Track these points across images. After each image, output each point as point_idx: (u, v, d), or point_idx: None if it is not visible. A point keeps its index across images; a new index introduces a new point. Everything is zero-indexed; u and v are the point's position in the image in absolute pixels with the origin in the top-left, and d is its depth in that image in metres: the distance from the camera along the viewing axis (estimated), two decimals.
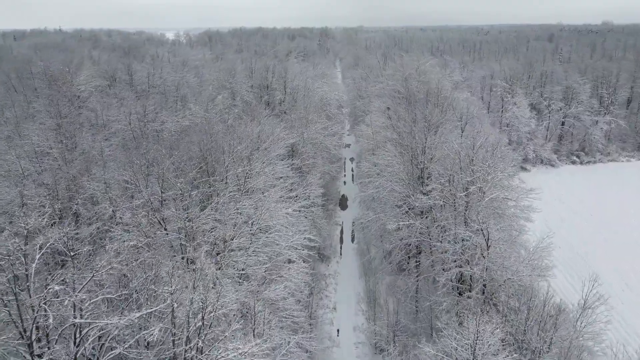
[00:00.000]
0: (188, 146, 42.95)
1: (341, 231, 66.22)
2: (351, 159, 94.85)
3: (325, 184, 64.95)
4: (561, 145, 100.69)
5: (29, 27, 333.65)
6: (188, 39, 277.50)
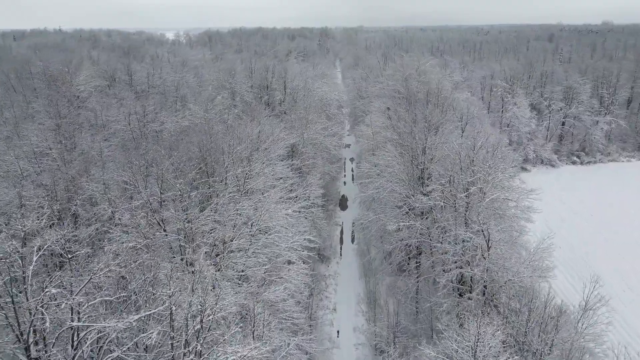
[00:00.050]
0: (187, 147, 42.78)
1: (341, 232, 66.07)
2: (351, 159, 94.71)
3: (325, 184, 64.79)
4: (561, 146, 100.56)
5: (28, 27, 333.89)
6: (188, 39, 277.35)
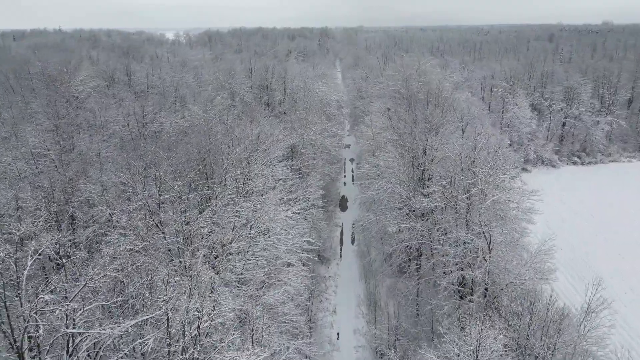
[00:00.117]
0: (186, 148, 42.45)
1: (341, 233, 65.76)
2: (351, 160, 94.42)
3: (325, 185, 64.48)
4: (562, 146, 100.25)
5: (28, 27, 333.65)
6: (188, 39, 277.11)
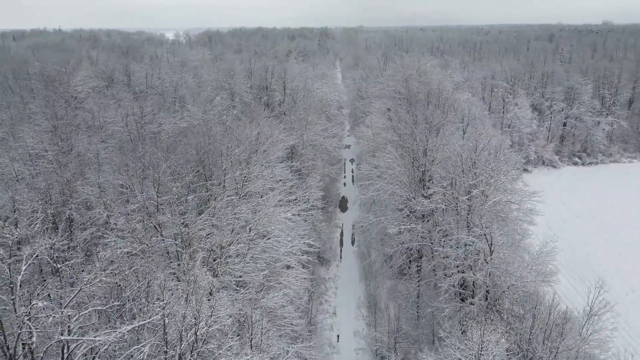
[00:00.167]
0: (185, 149, 42.13)
1: (341, 234, 65.44)
2: (351, 160, 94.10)
3: (325, 186, 64.17)
4: (563, 146, 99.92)
5: (28, 27, 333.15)
6: (188, 39, 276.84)
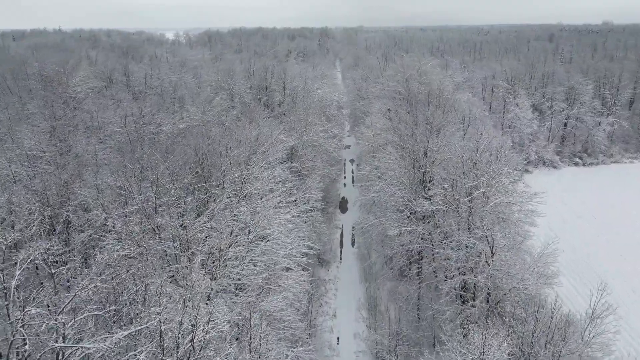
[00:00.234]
0: (184, 150, 41.82)
1: (341, 235, 65.15)
2: (351, 161, 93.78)
3: (325, 186, 63.84)
4: (563, 147, 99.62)
5: (28, 27, 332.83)
6: (188, 39, 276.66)
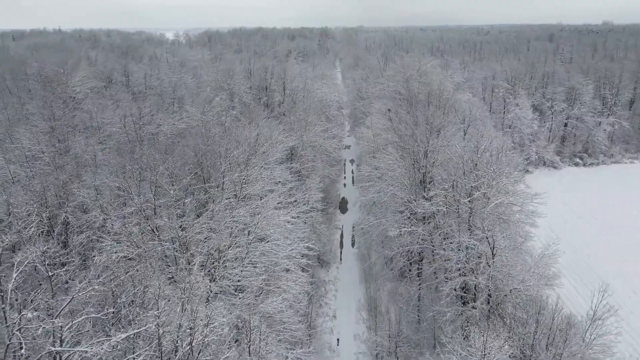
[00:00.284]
0: (183, 150, 41.65)
1: (341, 235, 64.96)
2: (351, 161, 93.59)
3: (325, 187, 63.67)
4: (564, 147, 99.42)
5: (28, 27, 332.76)
6: (187, 39, 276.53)
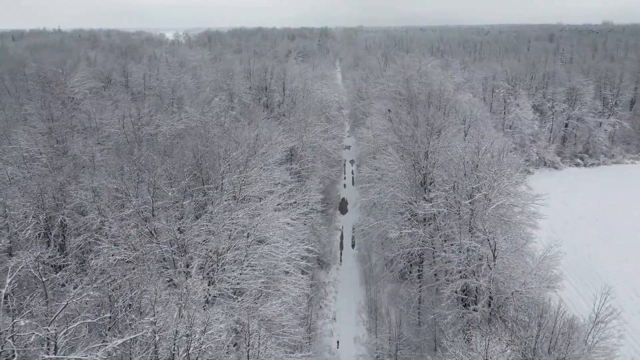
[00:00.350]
0: (182, 151, 41.35)
1: (341, 236, 64.64)
2: (351, 162, 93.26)
3: (325, 188, 63.36)
4: (565, 148, 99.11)
5: (28, 27, 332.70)
6: (187, 39, 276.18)
